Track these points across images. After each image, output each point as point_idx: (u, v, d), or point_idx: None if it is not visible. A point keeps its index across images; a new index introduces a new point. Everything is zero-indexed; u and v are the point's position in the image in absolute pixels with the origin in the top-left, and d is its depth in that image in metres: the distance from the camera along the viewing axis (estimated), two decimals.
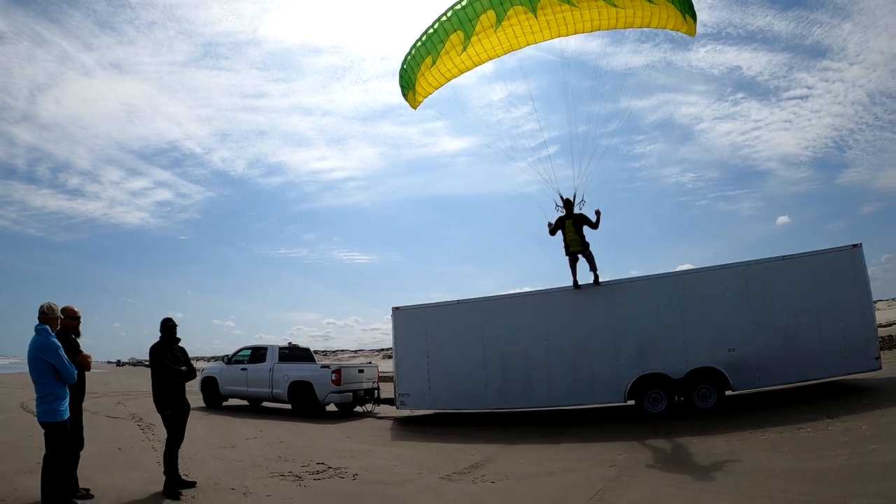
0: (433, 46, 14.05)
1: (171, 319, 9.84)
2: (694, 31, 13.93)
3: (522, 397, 16.84)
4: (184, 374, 9.64)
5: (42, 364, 7.46)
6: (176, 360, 9.62)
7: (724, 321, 15.28)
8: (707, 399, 15.04)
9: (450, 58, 14.11)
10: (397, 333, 18.56)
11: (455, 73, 14.55)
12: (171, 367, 9.44)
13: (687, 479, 8.98)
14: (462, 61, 14.21)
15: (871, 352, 14.45)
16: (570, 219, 15.70)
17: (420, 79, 14.66)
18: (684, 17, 13.52)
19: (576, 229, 15.64)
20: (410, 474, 10.59)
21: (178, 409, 9.50)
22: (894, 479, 7.67)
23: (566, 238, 15.77)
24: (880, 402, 12.99)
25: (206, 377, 22.81)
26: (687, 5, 13.47)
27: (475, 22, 13.43)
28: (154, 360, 9.53)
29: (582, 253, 15.88)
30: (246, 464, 11.42)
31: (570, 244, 15.70)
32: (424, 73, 14.53)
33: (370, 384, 21.29)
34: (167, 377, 9.42)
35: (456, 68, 14.40)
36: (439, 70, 14.42)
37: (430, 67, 14.36)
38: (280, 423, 17.70)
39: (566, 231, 15.72)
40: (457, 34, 13.66)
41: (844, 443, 10.07)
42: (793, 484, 8.09)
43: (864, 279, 14.77)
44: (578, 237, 15.65)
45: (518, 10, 13.20)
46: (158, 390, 9.48)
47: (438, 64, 14.23)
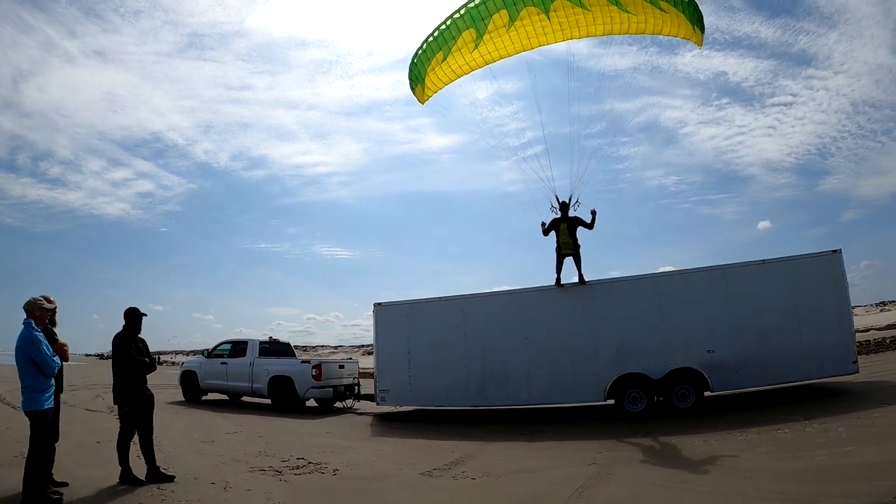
0: (445, 42, 14.17)
1: (139, 309, 9.73)
2: (702, 41, 14.18)
3: (503, 395, 16.90)
4: (147, 366, 9.61)
5: (23, 356, 7.57)
6: (139, 351, 9.57)
7: (703, 323, 15.42)
8: (686, 399, 15.18)
9: (461, 55, 14.25)
10: (379, 329, 18.53)
11: (465, 70, 14.68)
12: (136, 357, 9.40)
13: (666, 478, 9.03)
14: (473, 59, 14.36)
15: (848, 356, 14.66)
16: (564, 221, 15.79)
17: (430, 73, 14.77)
18: (693, 28, 13.73)
19: (570, 232, 15.76)
20: (391, 470, 10.59)
21: (139, 403, 9.44)
22: (869, 480, 7.74)
23: (559, 240, 15.89)
24: (857, 405, 13.12)
25: (185, 371, 22.73)
26: (696, 16, 13.66)
27: (488, 21, 13.59)
28: (119, 350, 9.41)
29: (572, 255, 15.99)
30: (226, 458, 11.37)
31: (563, 247, 15.84)
32: (435, 69, 14.65)
33: (350, 380, 21.26)
34: (133, 368, 9.38)
35: (467, 65, 14.54)
36: (450, 66, 14.54)
37: (440, 63, 14.49)
38: (260, 418, 17.66)
39: (560, 234, 15.85)
40: (469, 32, 13.81)
41: (821, 444, 10.18)
42: (770, 483, 8.18)
43: (843, 284, 14.96)
44: (571, 240, 15.81)
45: (531, 10, 13.36)
46: (121, 382, 9.38)
47: (449, 60, 14.36)
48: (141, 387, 9.52)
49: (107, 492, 8.67)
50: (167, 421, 16.02)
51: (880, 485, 7.43)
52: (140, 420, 9.39)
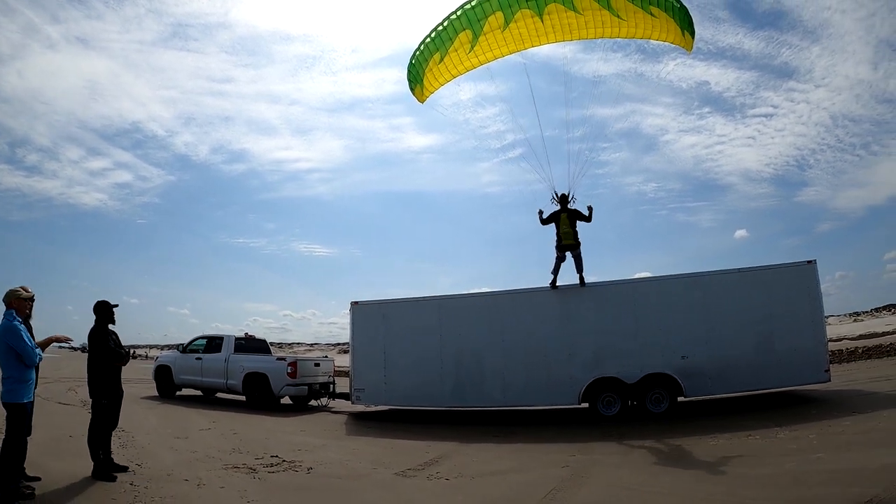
0: (442, 43, 14.35)
1: (108, 302, 9.77)
2: (691, 46, 14.35)
3: (477, 396, 16.93)
4: (124, 358, 9.65)
5: (3, 346, 7.55)
6: (116, 344, 9.60)
7: (678, 329, 15.54)
8: (660, 404, 15.27)
9: (457, 55, 14.43)
10: (355, 328, 18.50)
11: (461, 70, 14.87)
12: (116, 350, 9.45)
13: (638, 481, 9.10)
14: (469, 59, 14.53)
15: (821, 364, 14.81)
16: (564, 212, 15.84)
17: (428, 74, 14.93)
18: (683, 33, 13.92)
19: (570, 223, 15.78)
20: (365, 469, 10.62)
21: (114, 397, 9.48)
22: (838, 487, 7.84)
23: (560, 231, 15.89)
24: (828, 413, 13.27)
25: (160, 365, 22.52)
26: (687, 22, 13.86)
27: (483, 22, 13.78)
28: (96, 343, 9.43)
29: (573, 249, 16.02)
30: (200, 455, 11.33)
31: (564, 237, 15.81)
32: (432, 69, 14.82)
33: (326, 378, 21.20)
34: (111, 360, 9.41)
35: (462, 65, 14.71)
36: (447, 66, 14.72)
37: (437, 63, 14.68)
38: (234, 415, 17.60)
39: (560, 224, 15.85)
40: (465, 33, 14.02)
41: (792, 450, 10.30)
42: (740, 489, 8.25)
43: (816, 294, 15.15)
44: (572, 230, 15.80)
45: (525, 13, 13.58)
46: (98, 375, 9.39)
47: (446, 60, 14.54)
48: (116, 381, 9.53)
49: (79, 486, 8.63)
50: (141, 416, 15.96)
51: (849, 491, 7.53)
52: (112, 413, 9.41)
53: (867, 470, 8.50)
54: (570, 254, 16.08)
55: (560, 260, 16.20)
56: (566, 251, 16.05)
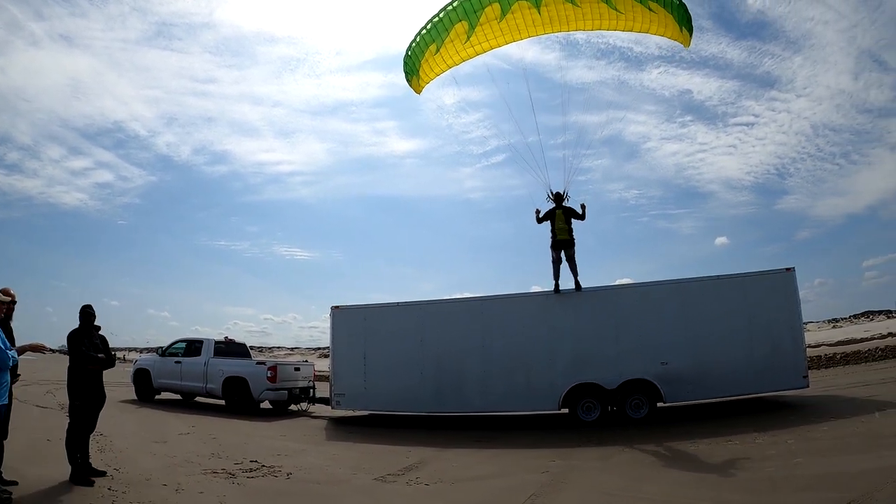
0: (438, 35, 14.43)
1: (90, 307, 9.84)
2: (689, 42, 14.45)
3: (458, 402, 16.93)
4: (100, 361, 9.59)
5: None
6: (94, 347, 9.58)
7: (658, 335, 15.61)
8: (639, 410, 15.32)
9: (453, 46, 14.50)
10: (335, 333, 18.41)
11: (457, 61, 14.96)
12: (86, 352, 9.38)
13: (617, 487, 9.12)
14: (465, 49, 14.61)
15: (799, 370, 14.96)
16: (560, 209, 15.86)
17: (424, 65, 15.01)
18: (681, 29, 14.01)
19: (565, 219, 15.81)
20: (344, 475, 10.60)
21: (89, 400, 9.43)
22: (816, 491, 7.93)
23: (555, 227, 15.92)
24: (807, 419, 13.36)
25: (138, 369, 22.31)
26: (685, 18, 13.96)
27: (480, 13, 13.88)
28: (71, 345, 9.47)
29: (567, 247, 16.04)
30: (178, 460, 11.27)
31: (559, 233, 15.83)
32: (428, 60, 14.90)
33: (306, 383, 21.09)
34: (83, 362, 9.37)
35: (458, 56, 14.81)
36: (442, 57, 14.82)
37: (434, 55, 14.76)
38: (213, 419, 17.51)
39: (556, 220, 15.87)
40: (461, 24, 14.11)
41: (771, 455, 10.36)
42: (719, 493, 8.31)
43: (795, 301, 15.29)
44: (567, 227, 15.82)
45: (522, 4, 13.73)
46: (74, 377, 9.41)
47: (442, 51, 14.63)
48: (95, 383, 9.48)
49: (57, 491, 8.59)
50: (119, 420, 15.82)
51: (827, 496, 7.62)
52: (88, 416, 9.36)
53: (845, 475, 8.55)
54: (565, 254, 16.08)
55: (557, 262, 16.20)
56: (561, 249, 16.06)
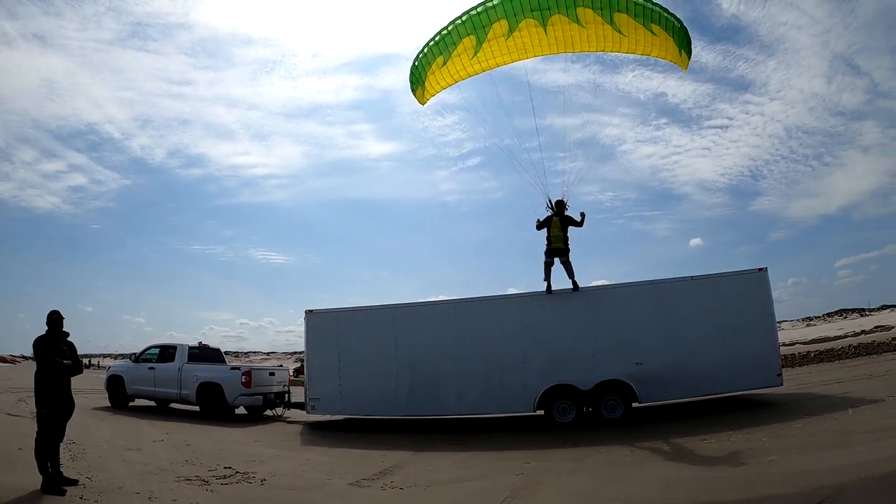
0: (445, 47, 14.49)
1: (57, 312, 9.68)
2: (686, 65, 14.65)
3: (433, 405, 16.90)
4: (67, 368, 9.46)
5: None
6: (61, 353, 9.44)
7: (633, 336, 15.71)
8: (615, 410, 15.37)
9: (460, 60, 14.57)
10: (309, 337, 18.28)
11: (463, 76, 15.04)
12: (52, 359, 9.26)
13: (592, 488, 9.15)
14: (472, 65, 14.67)
15: (773, 368, 15.09)
16: (557, 216, 15.85)
17: (430, 77, 15.06)
18: (680, 52, 14.21)
19: (561, 226, 15.80)
20: (319, 480, 10.54)
21: (56, 407, 9.30)
22: (790, 489, 7.97)
23: (550, 234, 15.89)
24: (781, 416, 13.47)
25: (112, 375, 22.05)
26: (685, 42, 14.17)
27: (488, 29, 13.94)
28: (37, 352, 9.36)
29: (561, 255, 16.00)
30: (151, 467, 11.14)
31: (553, 240, 15.78)
32: (435, 72, 14.96)
33: (281, 388, 21.02)
34: (48, 369, 9.24)
35: (465, 71, 14.87)
36: (448, 71, 14.87)
37: (440, 67, 14.82)
38: (188, 426, 17.33)
39: (552, 227, 15.84)
40: (469, 38, 14.17)
41: (745, 453, 10.44)
42: (694, 492, 8.38)
43: (768, 300, 15.44)
44: (562, 235, 15.80)
45: (529, 23, 13.77)
46: (40, 385, 9.28)
47: (449, 65, 14.69)
48: (62, 390, 9.37)
49: (27, 500, 8.51)
50: (92, 427, 15.68)
51: (801, 493, 7.67)
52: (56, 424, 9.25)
53: (819, 472, 8.63)
54: (559, 260, 16.08)
55: (549, 265, 16.17)
56: (555, 256, 16.05)
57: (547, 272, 16.27)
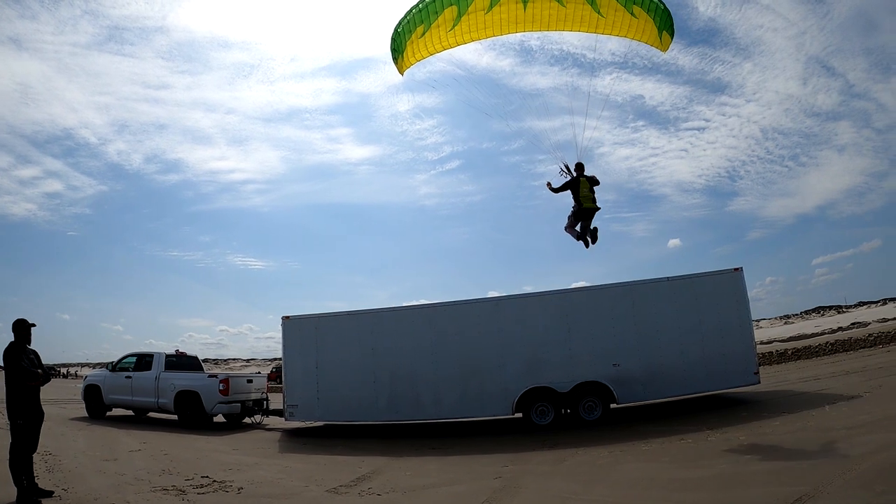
0: (427, 16, 14.18)
1: (27, 321, 9.56)
2: (667, 47, 14.49)
3: (411, 409, 16.87)
4: (40, 377, 9.38)
5: None
6: (31, 363, 9.36)
7: (609, 337, 15.80)
8: (593, 412, 15.45)
9: (439, 31, 14.26)
10: (287, 343, 18.22)
11: (439, 49, 14.70)
12: (28, 369, 9.19)
13: (570, 490, 9.13)
14: (448, 38, 14.38)
15: (750, 367, 15.22)
16: (583, 177, 15.75)
17: (409, 46, 14.73)
18: (660, 35, 14.04)
19: (590, 187, 15.68)
20: (296, 487, 10.48)
21: (31, 417, 9.20)
22: (767, 486, 8.02)
23: (580, 195, 15.61)
24: (758, 415, 13.61)
25: (89, 385, 21.85)
26: (667, 24, 14.00)
27: (470, 1, 13.66)
28: (9, 362, 9.22)
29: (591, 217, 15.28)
30: (128, 477, 11.04)
31: (584, 200, 15.57)
32: (414, 42, 14.62)
33: (259, 395, 20.88)
34: (24, 379, 9.14)
35: (441, 44, 14.55)
36: (426, 42, 14.55)
37: (420, 37, 14.48)
38: (166, 435, 17.21)
39: (581, 188, 15.62)
40: (451, 9, 13.88)
41: (723, 452, 10.53)
42: (672, 492, 8.38)
43: (744, 300, 15.59)
44: (592, 195, 15.65)
45: None
46: (13, 395, 9.16)
47: (427, 35, 14.36)
48: (34, 401, 9.27)
49: None
50: (69, 438, 15.59)
51: (778, 490, 7.71)
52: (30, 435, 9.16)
53: (797, 469, 8.72)
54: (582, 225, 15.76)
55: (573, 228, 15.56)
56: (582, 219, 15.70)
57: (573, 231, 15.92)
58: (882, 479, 7.66)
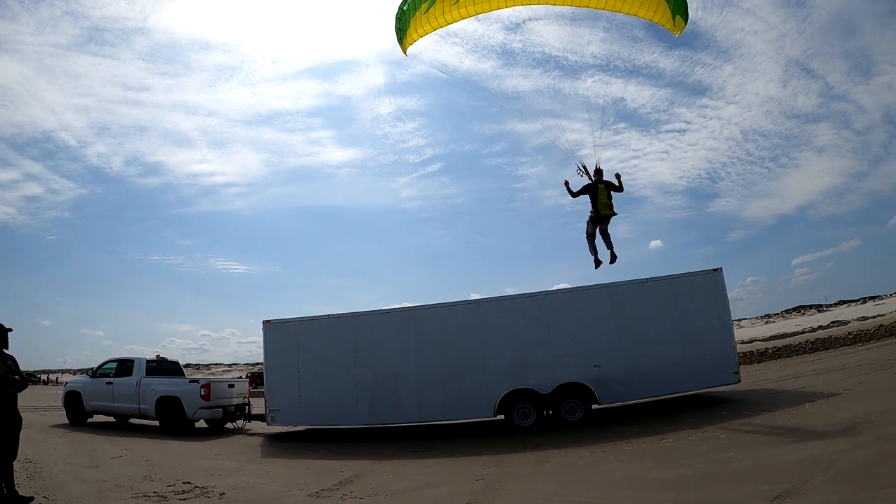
0: None
1: (2, 325, 9.44)
2: (681, 31, 14.31)
3: (394, 413, 16.88)
4: (17, 384, 9.26)
5: None
6: (8, 369, 9.23)
7: (590, 338, 15.87)
8: (574, 413, 15.50)
9: (443, 6, 14.17)
10: (268, 348, 18.12)
11: (442, 23, 14.59)
12: (6, 375, 9.08)
13: (552, 491, 9.15)
14: (451, 12, 14.30)
15: (730, 367, 15.32)
16: (602, 183, 15.75)
17: (413, 23, 14.60)
18: (674, 17, 13.92)
19: (608, 193, 15.68)
20: (278, 492, 10.45)
21: (9, 424, 9.12)
22: (748, 484, 8.05)
23: (597, 202, 15.55)
24: (738, 413, 13.69)
25: (69, 391, 21.66)
26: (682, 8, 13.84)
27: None
28: None
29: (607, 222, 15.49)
30: (110, 484, 10.99)
31: (602, 208, 15.56)
32: (418, 18, 14.51)
33: (241, 399, 20.83)
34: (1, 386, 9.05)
35: (443, 18, 14.44)
36: (430, 18, 14.45)
37: (423, 13, 14.37)
38: (147, 441, 17.09)
39: (599, 194, 15.56)
40: None
41: (703, 451, 10.55)
42: (653, 492, 8.41)
43: (723, 300, 15.71)
44: (609, 201, 15.63)
45: None
46: None
47: (431, 11, 14.26)
48: (11, 407, 9.19)
49: None
50: (49, 445, 15.50)
51: (759, 488, 7.75)
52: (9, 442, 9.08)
53: (776, 467, 8.76)
54: (599, 229, 15.73)
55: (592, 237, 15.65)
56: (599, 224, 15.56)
57: (592, 245, 15.78)
58: (861, 475, 7.71)
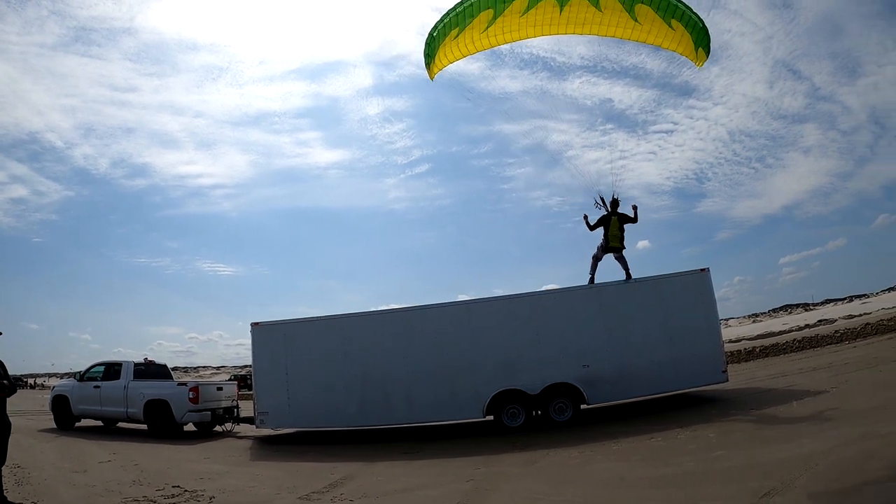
0: (462, 20, 14.21)
1: None
2: (702, 63, 14.81)
3: (383, 414, 16.85)
4: (6, 389, 9.23)
5: None
6: None
7: (579, 339, 15.92)
8: (563, 413, 15.51)
9: (472, 33, 14.32)
10: (256, 350, 18.04)
11: (472, 50, 14.81)
12: None
13: (541, 491, 9.17)
14: (481, 39, 14.46)
15: (718, 366, 15.38)
16: (615, 216, 15.94)
17: (441, 49, 14.74)
18: (696, 49, 14.30)
19: (620, 225, 16.00)
20: (268, 495, 10.44)
21: None
22: (736, 483, 8.09)
23: (608, 234, 16.20)
24: (727, 412, 13.74)
25: (56, 395, 21.52)
26: (704, 41, 14.25)
27: (508, 4, 13.72)
28: None
29: (617, 252, 16.40)
30: (98, 489, 10.95)
31: (611, 239, 16.11)
32: (447, 44, 14.66)
33: (229, 402, 20.74)
34: None
35: (474, 45, 14.63)
36: (458, 45, 14.63)
37: (453, 39, 14.50)
38: (136, 445, 17.00)
39: (610, 227, 16.14)
40: (486, 12, 13.92)
41: (692, 450, 10.59)
42: (642, 490, 8.46)
43: (711, 299, 15.78)
44: (620, 234, 16.17)
45: (549, 1, 13.65)
46: None
47: (461, 37, 14.40)
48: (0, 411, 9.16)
49: None
50: (38, 450, 15.43)
51: (747, 486, 7.80)
52: None
53: (765, 465, 8.81)
54: (614, 256, 16.45)
55: (597, 260, 16.60)
56: (608, 253, 16.45)
57: (594, 267, 16.68)
58: (848, 472, 7.76)
